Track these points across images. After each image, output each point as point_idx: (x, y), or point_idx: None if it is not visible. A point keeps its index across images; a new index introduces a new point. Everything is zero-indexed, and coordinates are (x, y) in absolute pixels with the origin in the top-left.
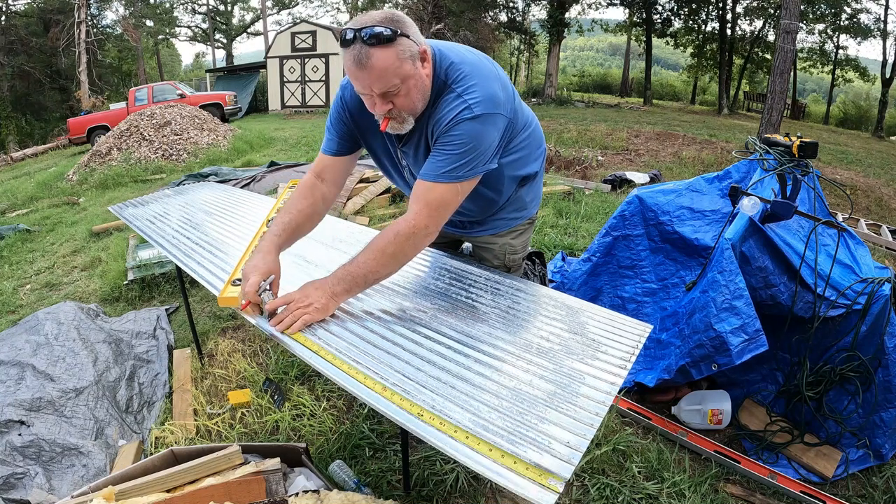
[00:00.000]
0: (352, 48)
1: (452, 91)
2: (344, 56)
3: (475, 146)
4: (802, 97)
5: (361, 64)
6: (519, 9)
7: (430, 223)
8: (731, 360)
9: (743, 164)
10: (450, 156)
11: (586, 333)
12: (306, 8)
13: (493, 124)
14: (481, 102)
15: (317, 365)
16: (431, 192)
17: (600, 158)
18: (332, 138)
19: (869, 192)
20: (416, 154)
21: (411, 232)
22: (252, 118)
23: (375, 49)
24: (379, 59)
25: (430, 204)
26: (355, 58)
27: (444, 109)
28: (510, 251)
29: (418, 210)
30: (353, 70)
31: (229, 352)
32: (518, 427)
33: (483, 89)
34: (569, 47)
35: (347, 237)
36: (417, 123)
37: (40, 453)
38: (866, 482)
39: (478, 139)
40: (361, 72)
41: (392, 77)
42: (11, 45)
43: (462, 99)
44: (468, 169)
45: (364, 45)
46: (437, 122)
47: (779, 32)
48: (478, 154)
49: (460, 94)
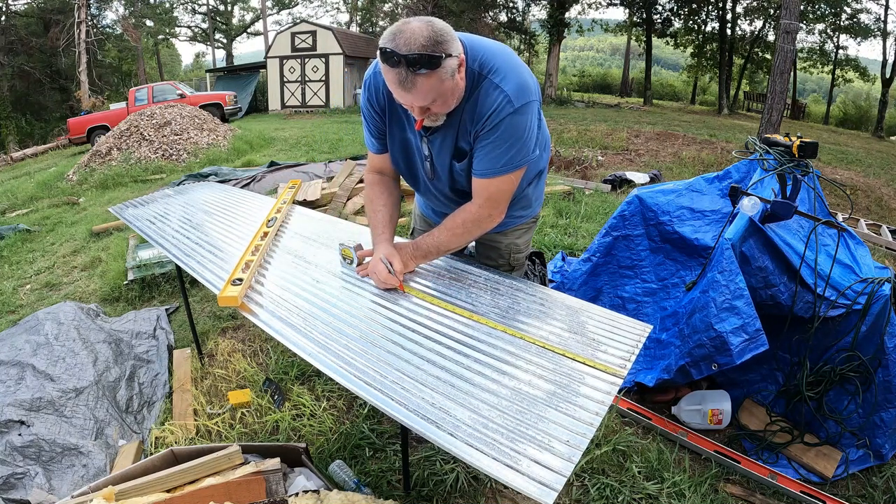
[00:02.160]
0: (396, 70)
1: (489, 81)
2: (385, 70)
3: (519, 136)
4: (802, 97)
5: (405, 87)
6: (519, 9)
7: (492, 212)
8: (731, 359)
9: (743, 164)
10: (500, 152)
11: (586, 333)
12: (306, 8)
13: (530, 112)
14: (518, 93)
15: (317, 363)
16: (490, 187)
17: (600, 158)
18: (374, 139)
19: (869, 192)
20: (443, 142)
21: (476, 219)
22: (252, 118)
23: (420, 77)
24: (423, 84)
25: (491, 197)
26: (399, 80)
27: (484, 102)
28: (515, 250)
29: (481, 203)
30: (397, 90)
31: (229, 352)
32: (518, 425)
33: (517, 78)
34: (569, 47)
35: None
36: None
37: (40, 453)
38: (866, 482)
39: (521, 130)
40: (405, 93)
41: (433, 95)
42: (11, 45)
43: (500, 90)
44: (518, 159)
45: (409, 72)
46: (478, 115)
47: (779, 32)
48: (523, 143)
49: (497, 84)
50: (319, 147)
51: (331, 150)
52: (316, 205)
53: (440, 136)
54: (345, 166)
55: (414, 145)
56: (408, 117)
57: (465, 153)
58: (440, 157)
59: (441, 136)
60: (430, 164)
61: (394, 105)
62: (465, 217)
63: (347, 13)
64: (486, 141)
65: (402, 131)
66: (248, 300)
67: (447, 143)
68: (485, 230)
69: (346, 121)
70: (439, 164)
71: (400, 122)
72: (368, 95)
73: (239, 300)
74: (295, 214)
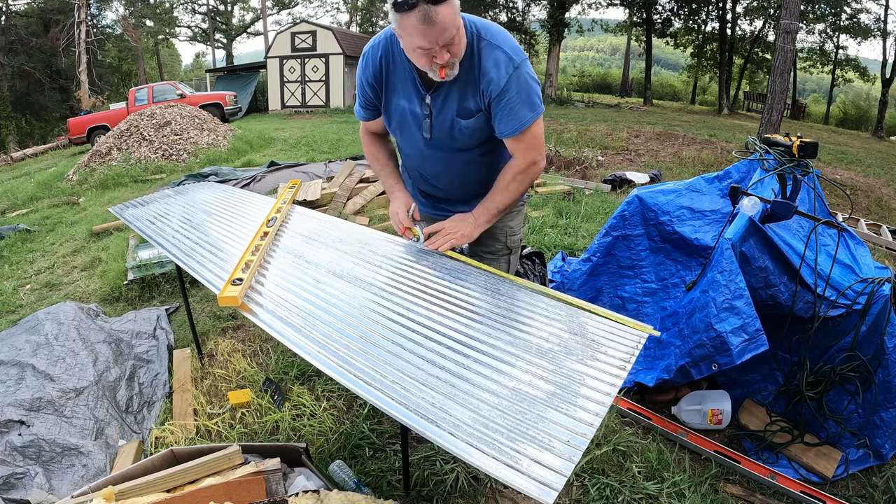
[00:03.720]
0: (417, 10)
1: (487, 42)
2: (403, 20)
3: (530, 86)
4: (802, 97)
5: (430, 20)
6: (519, 9)
7: (536, 157)
8: (731, 359)
9: (743, 164)
10: (520, 105)
11: (586, 334)
12: (306, 8)
13: (528, 67)
14: (515, 51)
15: (317, 363)
16: (526, 137)
17: (600, 158)
18: (362, 108)
19: (869, 192)
20: (445, 100)
21: (525, 168)
22: (252, 118)
23: (440, 6)
24: (445, 14)
25: (531, 145)
26: (423, 17)
27: (488, 59)
28: (510, 233)
29: (523, 154)
30: (421, 27)
31: (229, 352)
32: (518, 425)
33: (510, 40)
34: (569, 47)
35: (347, 237)
36: None
37: (40, 453)
38: (866, 482)
39: (528, 81)
40: (430, 27)
41: (452, 28)
42: (11, 45)
43: (500, 49)
44: (537, 104)
45: (429, 5)
46: (483, 71)
47: (779, 32)
48: (532, 91)
49: (497, 45)
50: (319, 147)
51: (331, 150)
52: (316, 205)
53: (442, 94)
54: (345, 166)
55: (409, 112)
56: (406, 84)
57: (472, 113)
58: (441, 114)
59: (444, 94)
60: (430, 123)
61: (391, 75)
62: (514, 171)
63: (347, 13)
64: (504, 100)
65: (399, 99)
66: (248, 300)
67: (451, 101)
68: (534, 178)
69: (346, 121)
70: (439, 123)
71: (397, 90)
72: (364, 66)
73: (239, 300)
74: (295, 214)
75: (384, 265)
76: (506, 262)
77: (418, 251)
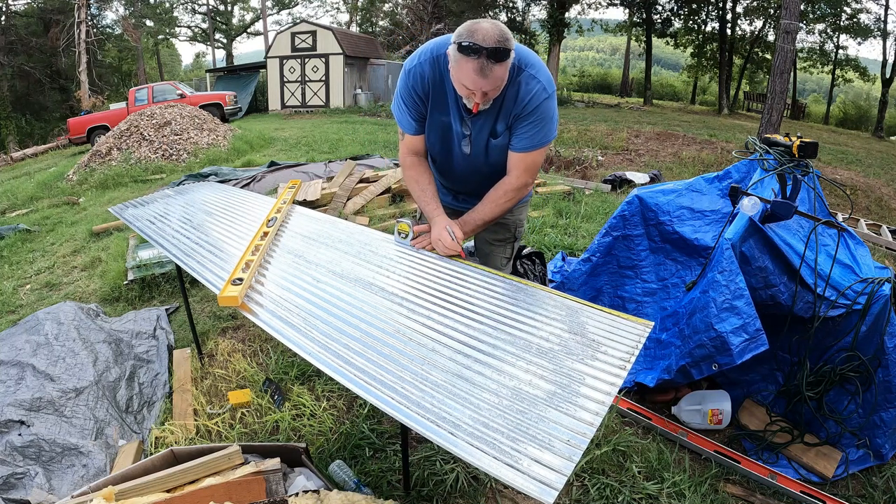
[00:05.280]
0: (478, 60)
1: (527, 73)
2: (462, 60)
3: (551, 117)
4: (802, 97)
5: (485, 73)
6: (519, 9)
7: (528, 180)
8: (732, 359)
9: (743, 164)
10: (537, 130)
11: (586, 334)
12: (306, 8)
13: (555, 98)
14: (549, 82)
15: (317, 363)
16: (528, 159)
17: (600, 158)
18: (413, 121)
19: (869, 192)
20: (483, 123)
21: (516, 188)
22: (252, 118)
23: (497, 66)
24: (498, 73)
25: (528, 167)
26: (480, 68)
27: (525, 89)
28: (519, 224)
29: (519, 174)
30: (474, 77)
31: (229, 352)
32: (518, 425)
33: (546, 72)
34: (569, 47)
35: (347, 237)
36: None
37: (40, 453)
38: (866, 482)
39: (552, 112)
40: (482, 80)
41: (500, 82)
42: (11, 45)
43: (537, 80)
44: (550, 135)
45: (489, 62)
46: (520, 100)
47: (779, 32)
48: (552, 122)
49: (534, 76)
50: (319, 147)
51: (331, 150)
52: (316, 205)
53: (481, 119)
54: (345, 166)
55: (452, 128)
56: (448, 103)
57: (500, 133)
58: (479, 135)
59: (482, 119)
60: (469, 142)
61: (437, 93)
62: (506, 188)
63: (347, 13)
64: (527, 122)
65: (442, 115)
66: (248, 300)
67: (486, 124)
68: (521, 197)
69: (346, 121)
70: (477, 142)
71: (441, 107)
72: (413, 83)
73: (239, 300)
74: (295, 214)
75: (384, 265)
76: (510, 248)
77: (417, 250)
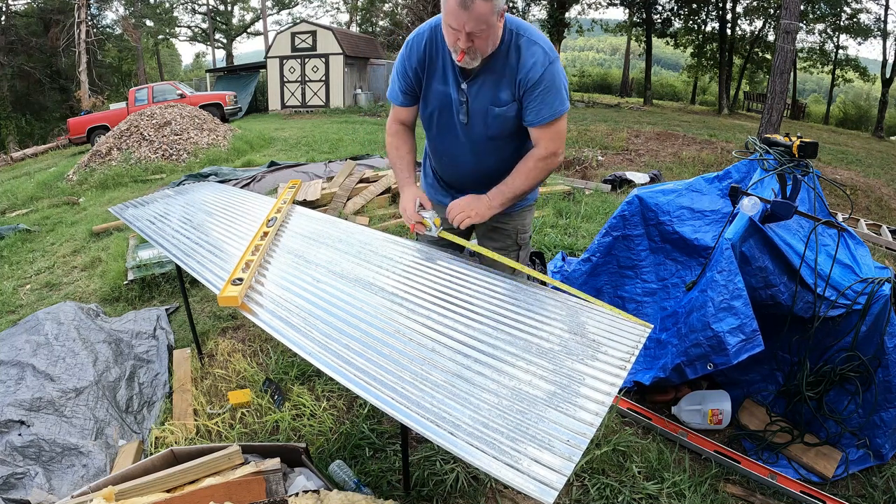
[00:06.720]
0: None
1: (526, 38)
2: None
3: (561, 81)
4: (802, 97)
5: (466, 6)
6: (519, 9)
7: (557, 149)
8: (728, 359)
9: (743, 164)
10: (552, 98)
11: (586, 334)
12: (306, 8)
13: (560, 64)
14: (549, 48)
15: (317, 363)
16: (552, 129)
17: (600, 158)
18: (401, 92)
19: (869, 192)
20: (480, 88)
21: (545, 157)
22: (252, 118)
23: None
24: (480, 8)
25: (553, 137)
26: (462, 1)
27: (526, 53)
28: (521, 230)
29: (546, 143)
30: (456, 9)
31: (229, 352)
32: (518, 425)
33: (545, 39)
34: (569, 47)
35: (347, 237)
36: (488, 65)
37: (40, 453)
38: (866, 482)
39: (560, 76)
40: (463, 11)
41: (483, 23)
42: (11, 45)
43: (538, 45)
44: (566, 100)
45: None
46: (522, 64)
47: (779, 32)
48: (563, 89)
49: (534, 41)
50: (319, 147)
51: (331, 150)
52: (316, 205)
53: (478, 84)
54: (345, 166)
55: (451, 97)
56: (445, 71)
57: (505, 102)
58: (476, 101)
59: (479, 83)
60: (466, 108)
61: (434, 61)
62: (537, 157)
63: (347, 13)
64: (537, 91)
65: (439, 83)
66: (248, 300)
67: (486, 90)
68: (552, 168)
69: (346, 121)
70: (475, 110)
71: (438, 75)
72: (408, 52)
73: (239, 300)
74: (295, 214)
75: (384, 265)
76: (515, 258)
77: (417, 251)
